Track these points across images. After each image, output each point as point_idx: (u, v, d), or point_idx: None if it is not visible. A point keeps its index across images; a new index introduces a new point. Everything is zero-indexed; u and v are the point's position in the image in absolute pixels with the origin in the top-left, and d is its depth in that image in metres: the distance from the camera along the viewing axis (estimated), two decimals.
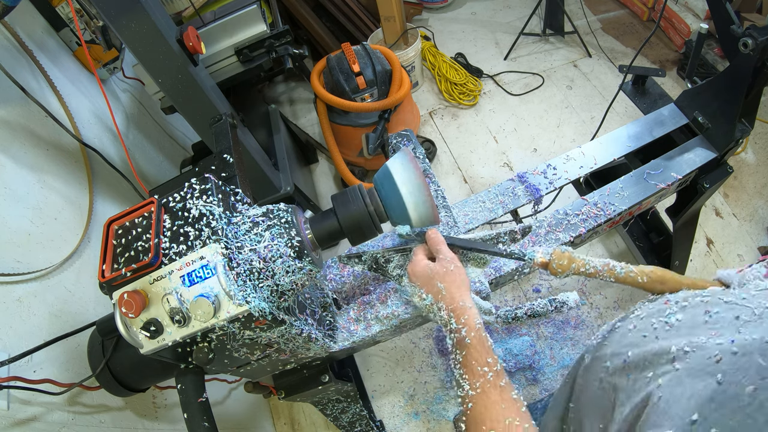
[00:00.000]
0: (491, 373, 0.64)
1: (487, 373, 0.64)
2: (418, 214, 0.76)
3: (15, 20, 1.30)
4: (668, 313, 0.56)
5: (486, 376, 0.63)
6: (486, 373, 0.64)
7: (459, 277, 0.75)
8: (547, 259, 0.81)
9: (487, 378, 0.63)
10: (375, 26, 2.57)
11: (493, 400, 0.61)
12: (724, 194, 2.06)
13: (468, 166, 2.33)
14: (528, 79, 2.60)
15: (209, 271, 0.64)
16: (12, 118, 1.15)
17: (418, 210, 0.76)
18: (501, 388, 0.62)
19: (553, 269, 0.81)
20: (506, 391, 0.62)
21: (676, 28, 2.51)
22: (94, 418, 0.99)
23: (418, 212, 0.76)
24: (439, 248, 0.79)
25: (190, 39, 1.20)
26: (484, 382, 0.63)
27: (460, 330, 0.69)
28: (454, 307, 0.72)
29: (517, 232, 0.90)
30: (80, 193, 1.27)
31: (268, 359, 0.83)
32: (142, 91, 1.91)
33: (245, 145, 1.51)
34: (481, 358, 0.65)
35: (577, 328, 1.80)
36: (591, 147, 1.22)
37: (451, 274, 0.75)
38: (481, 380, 0.63)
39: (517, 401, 0.62)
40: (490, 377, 0.63)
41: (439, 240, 0.80)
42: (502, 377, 0.64)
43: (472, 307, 0.72)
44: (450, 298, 0.73)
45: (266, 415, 1.79)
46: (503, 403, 0.61)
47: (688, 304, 0.57)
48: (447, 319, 0.72)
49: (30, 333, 0.92)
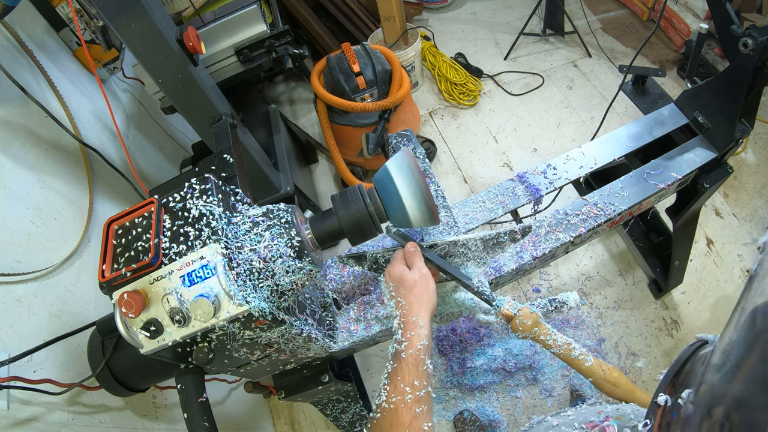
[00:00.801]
0: (411, 395, 0.62)
1: (407, 393, 0.63)
2: (418, 214, 0.76)
3: (15, 20, 1.30)
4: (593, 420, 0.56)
5: (404, 396, 0.62)
6: (406, 392, 0.63)
7: (425, 293, 0.74)
8: (513, 313, 0.80)
9: (405, 398, 0.62)
10: (375, 26, 2.57)
11: (401, 421, 0.61)
12: (724, 194, 2.06)
13: (468, 166, 2.33)
14: (528, 79, 2.60)
15: (209, 271, 0.64)
16: (12, 118, 1.15)
17: (418, 210, 0.76)
18: (414, 414, 0.61)
19: (515, 325, 0.80)
20: (419, 419, 0.61)
21: (676, 28, 2.51)
22: (94, 418, 0.99)
23: (418, 212, 0.76)
24: (414, 262, 0.78)
25: (190, 39, 1.20)
26: (401, 401, 0.62)
27: (402, 343, 0.68)
28: (407, 320, 0.71)
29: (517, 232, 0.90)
30: (80, 193, 1.28)
31: (268, 359, 0.83)
32: (142, 91, 1.91)
33: (245, 145, 1.50)
34: (408, 377, 0.64)
35: (577, 328, 1.80)
36: (591, 147, 1.22)
37: (418, 288, 0.74)
38: (398, 398, 0.63)
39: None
40: (408, 398, 0.62)
41: (416, 254, 0.79)
42: (421, 404, 0.62)
43: (423, 327, 0.70)
44: (407, 310, 0.72)
45: (266, 415, 1.79)
46: (409, 428, 0.60)
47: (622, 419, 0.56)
48: (396, 328, 0.72)
49: (30, 333, 0.92)
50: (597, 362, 0.78)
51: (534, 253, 1.01)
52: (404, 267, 0.78)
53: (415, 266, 0.77)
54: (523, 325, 0.79)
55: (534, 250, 1.02)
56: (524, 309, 0.80)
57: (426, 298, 0.74)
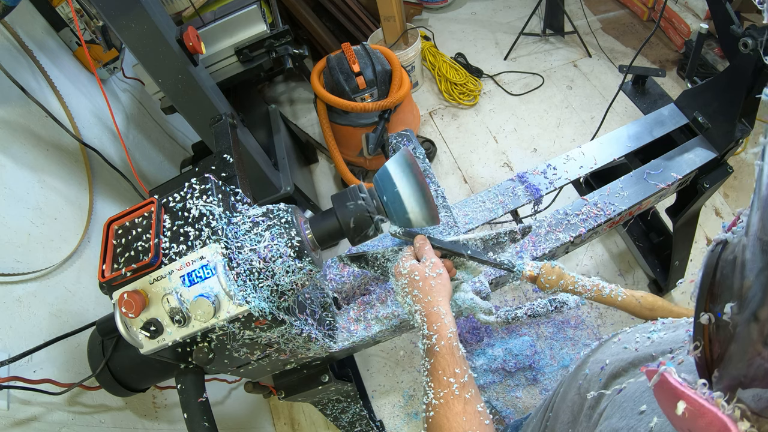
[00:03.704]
0: (456, 384, 0.62)
1: (452, 384, 0.63)
2: (418, 214, 0.76)
3: (15, 20, 1.30)
4: (652, 330, 0.57)
5: (451, 387, 0.62)
6: (451, 383, 0.63)
7: (440, 283, 0.73)
8: (536, 273, 0.80)
9: (452, 389, 0.62)
10: (375, 26, 2.57)
11: (455, 411, 0.61)
12: (724, 194, 2.06)
13: (468, 166, 2.33)
14: (528, 79, 2.60)
15: (209, 271, 0.64)
16: (12, 118, 1.15)
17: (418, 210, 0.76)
18: (465, 400, 0.61)
19: (541, 284, 0.80)
20: (471, 403, 0.61)
21: (676, 28, 2.51)
22: (94, 418, 0.99)
23: (418, 212, 0.76)
24: (423, 253, 0.78)
25: (190, 39, 1.20)
26: (449, 392, 0.62)
27: (431, 336, 0.68)
28: (429, 312, 0.70)
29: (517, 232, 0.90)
30: (80, 193, 1.27)
31: (268, 359, 0.83)
32: (142, 91, 1.91)
33: (245, 145, 1.51)
34: (449, 368, 0.64)
35: (577, 328, 1.80)
36: (591, 147, 1.22)
37: (433, 279, 0.74)
38: (446, 390, 0.63)
39: (482, 414, 0.61)
40: (455, 388, 0.62)
41: (426, 246, 0.79)
42: (468, 389, 0.63)
43: (447, 315, 0.70)
44: (427, 302, 0.72)
45: (266, 415, 1.79)
46: (465, 415, 0.60)
47: (674, 325, 0.57)
48: (421, 323, 0.71)
49: (30, 333, 0.92)
50: (629, 293, 0.78)
51: (534, 253, 1.01)
52: (413, 261, 0.77)
53: (425, 257, 0.77)
54: (548, 281, 0.78)
55: (534, 250, 1.02)
56: (545, 265, 0.80)
57: (442, 285, 0.73)
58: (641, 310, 0.77)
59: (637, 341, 0.56)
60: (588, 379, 0.57)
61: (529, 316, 0.88)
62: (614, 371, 0.54)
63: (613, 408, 0.47)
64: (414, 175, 0.74)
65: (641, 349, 0.53)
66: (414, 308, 0.73)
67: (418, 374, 1.78)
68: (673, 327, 0.57)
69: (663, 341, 0.53)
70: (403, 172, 0.75)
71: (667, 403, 0.32)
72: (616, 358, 0.55)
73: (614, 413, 0.46)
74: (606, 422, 0.46)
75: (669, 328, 0.57)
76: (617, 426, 0.45)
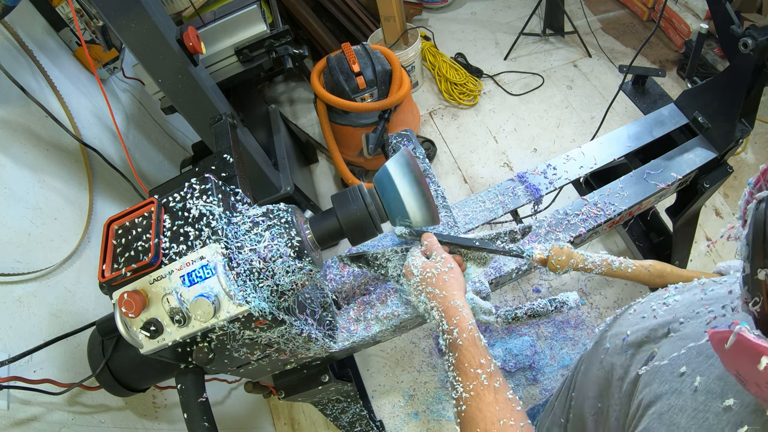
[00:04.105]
0: (484, 374, 0.63)
1: (480, 375, 0.63)
2: (418, 214, 0.76)
3: (15, 20, 1.30)
4: (666, 296, 0.58)
5: (479, 378, 0.62)
6: (479, 375, 0.63)
7: (453, 277, 0.74)
8: (545, 256, 0.81)
9: (481, 380, 0.62)
10: (375, 26, 2.57)
11: (487, 402, 0.61)
12: (724, 194, 2.06)
13: (468, 166, 2.33)
14: (528, 79, 2.60)
15: (209, 271, 0.64)
16: (12, 118, 1.15)
17: (418, 210, 0.76)
18: (495, 389, 0.61)
19: (552, 265, 0.80)
20: (501, 391, 0.61)
21: (676, 28, 2.51)
22: (94, 418, 0.99)
23: (418, 212, 0.76)
24: (435, 250, 0.78)
25: (190, 39, 1.20)
26: (478, 384, 0.62)
27: (452, 331, 0.68)
28: (446, 307, 0.71)
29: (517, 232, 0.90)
30: (80, 193, 1.27)
31: (268, 359, 0.83)
32: (142, 91, 1.91)
33: (245, 145, 1.51)
34: (474, 359, 0.64)
35: (577, 328, 1.80)
36: (591, 147, 1.22)
37: (446, 274, 0.74)
38: (475, 382, 0.62)
39: (513, 400, 0.61)
40: (483, 379, 0.62)
41: (435, 242, 0.79)
42: (496, 378, 0.63)
43: (464, 307, 0.70)
44: (442, 297, 0.72)
45: (266, 415, 1.79)
46: (497, 404, 0.60)
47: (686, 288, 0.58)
48: (439, 320, 0.71)
49: (30, 333, 0.92)
50: (638, 263, 0.78)
51: None
52: (423, 259, 0.77)
53: (435, 253, 0.77)
54: (558, 261, 0.78)
55: None
56: (554, 247, 0.80)
57: (455, 279, 0.74)
58: (652, 278, 0.77)
59: (653, 309, 0.56)
60: (610, 353, 0.57)
61: (529, 316, 0.88)
62: (638, 340, 0.54)
63: (650, 375, 0.47)
64: (414, 175, 0.74)
65: (660, 316, 0.54)
66: (430, 305, 0.73)
67: (418, 374, 1.78)
68: (685, 290, 0.58)
69: (679, 304, 0.54)
70: (403, 172, 0.75)
71: (746, 360, 0.32)
72: (637, 328, 0.55)
73: (653, 380, 0.46)
74: (647, 389, 0.46)
75: (681, 292, 0.57)
76: (660, 391, 0.45)
